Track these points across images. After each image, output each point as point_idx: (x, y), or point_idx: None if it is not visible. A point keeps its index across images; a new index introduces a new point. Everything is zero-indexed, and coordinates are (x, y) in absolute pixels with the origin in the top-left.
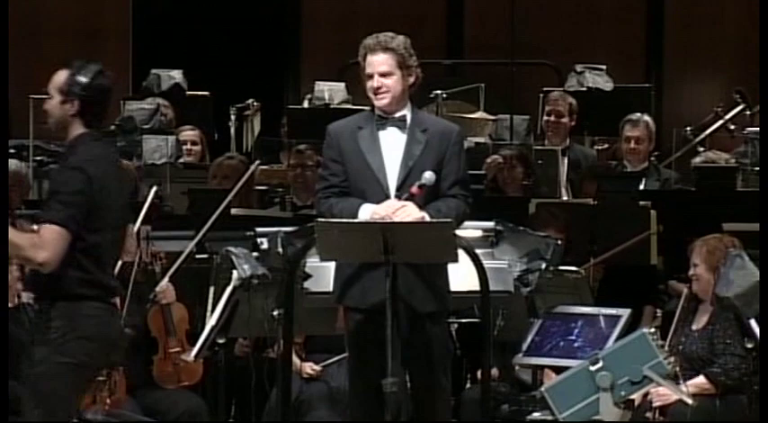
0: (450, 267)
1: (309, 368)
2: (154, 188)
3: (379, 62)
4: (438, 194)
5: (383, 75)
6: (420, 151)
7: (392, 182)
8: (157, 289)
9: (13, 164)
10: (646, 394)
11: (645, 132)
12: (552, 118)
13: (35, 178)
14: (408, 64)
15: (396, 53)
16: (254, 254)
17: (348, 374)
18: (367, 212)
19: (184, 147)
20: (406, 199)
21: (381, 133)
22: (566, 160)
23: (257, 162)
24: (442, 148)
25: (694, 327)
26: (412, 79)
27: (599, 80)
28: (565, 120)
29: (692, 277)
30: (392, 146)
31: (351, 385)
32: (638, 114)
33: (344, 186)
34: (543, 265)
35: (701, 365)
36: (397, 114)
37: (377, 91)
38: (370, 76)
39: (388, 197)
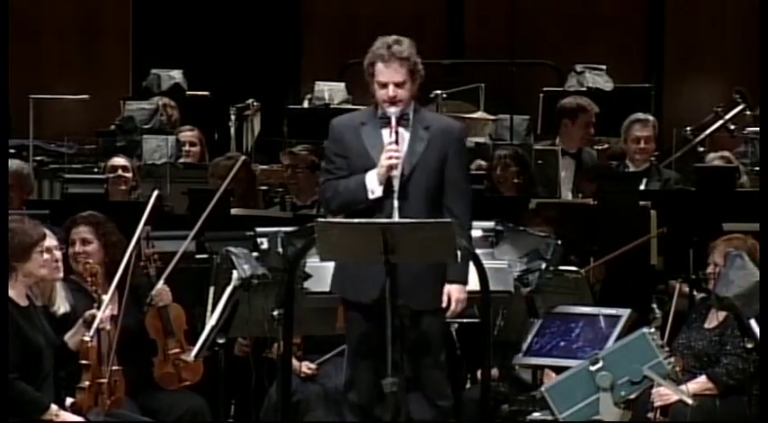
0: None
1: (306, 367)
2: (156, 192)
3: (393, 73)
4: (441, 190)
5: (398, 84)
6: (423, 148)
7: (396, 178)
8: (153, 292)
9: (15, 164)
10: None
11: (653, 133)
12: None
13: (35, 178)
14: (417, 69)
15: (409, 62)
16: (254, 254)
17: (346, 368)
18: (373, 175)
19: (183, 148)
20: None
21: (384, 131)
22: (574, 162)
23: (242, 158)
24: (445, 145)
25: (707, 325)
26: (418, 82)
27: (599, 80)
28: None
29: (710, 276)
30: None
31: (348, 379)
32: (646, 114)
33: None
34: (543, 265)
35: (708, 364)
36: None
37: (392, 100)
38: (383, 85)
39: (392, 193)
